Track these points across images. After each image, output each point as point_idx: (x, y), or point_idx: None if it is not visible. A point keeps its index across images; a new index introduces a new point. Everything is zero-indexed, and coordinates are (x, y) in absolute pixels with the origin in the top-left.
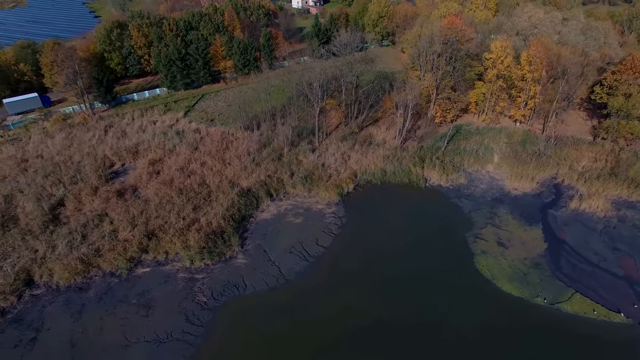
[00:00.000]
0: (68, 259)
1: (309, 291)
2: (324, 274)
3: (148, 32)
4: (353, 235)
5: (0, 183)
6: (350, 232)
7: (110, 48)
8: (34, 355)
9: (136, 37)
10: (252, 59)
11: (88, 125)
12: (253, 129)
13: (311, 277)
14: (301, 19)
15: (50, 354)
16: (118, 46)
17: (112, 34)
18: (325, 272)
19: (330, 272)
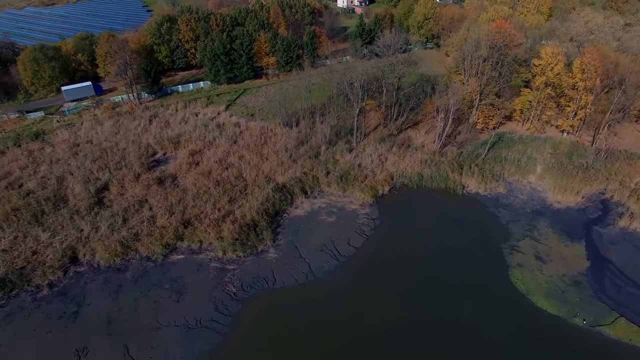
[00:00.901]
0: (109, 241)
1: (338, 290)
2: (354, 274)
3: (196, 26)
4: (385, 237)
5: (55, 165)
6: (383, 235)
7: (160, 41)
8: (76, 327)
9: (184, 31)
10: (294, 57)
11: (134, 114)
12: (292, 125)
13: (340, 277)
14: (345, 18)
15: (89, 328)
16: (167, 39)
17: (162, 27)
18: (355, 272)
19: (360, 273)
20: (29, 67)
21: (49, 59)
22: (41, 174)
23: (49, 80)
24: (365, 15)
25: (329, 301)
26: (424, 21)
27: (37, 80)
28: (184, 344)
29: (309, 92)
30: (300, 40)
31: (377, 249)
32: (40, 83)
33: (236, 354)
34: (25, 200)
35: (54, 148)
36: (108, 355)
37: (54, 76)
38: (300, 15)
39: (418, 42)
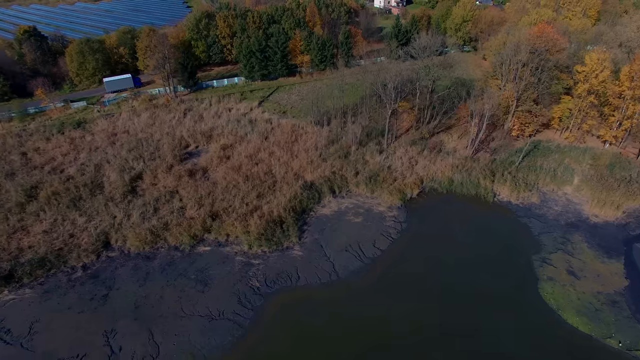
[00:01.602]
0: (140, 229)
1: (360, 292)
2: (377, 277)
3: (233, 23)
4: (412, 241)
5: (93, 153)
6: (409, 239)
7: (198, 36)
8: (105, 309)
9: (222, 27)
10: (329, 56)
11: (170, 107)
12: (323, 124)
13: (363, 278)
14: (382, 18)
15: (117, 311)
16: (204, 35)
17: (200, 23)
18: (378, 275)
19: (383, 275)
20: (75, 59)
21: (93, 52)
22: (81, 160)
23: (92, 71)
24: (402, 16)
25: (350, 303)
26: (462, 23)
27: (82, 72)
28: (206, 334)
29: (342, 92)
30: (335, 40)
31: (402, 253)
32: (85, 74)
33: (256, 348)
34: (65, 185)
35: (94, 137)
36: (134, 338)
37: (97, 68)
38: (336, 14)
39: (455, 45)
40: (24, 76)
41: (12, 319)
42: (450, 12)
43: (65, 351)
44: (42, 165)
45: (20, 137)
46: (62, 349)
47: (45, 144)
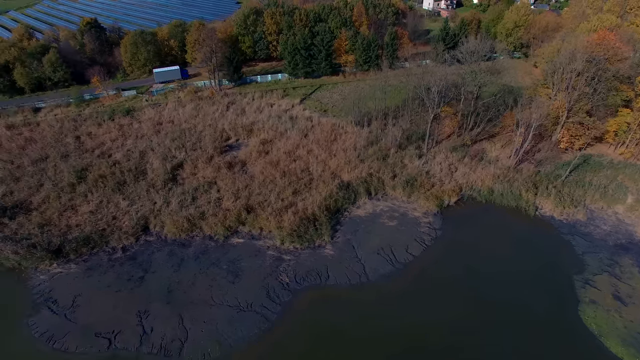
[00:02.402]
0: (178, 216)
1: (389, 296)
2: (407, 283)
3: (280, 20)
4: (446, 250)
5: (139, 140)
6: (443, 247)
7: (245, 32)
8: (141, 291)
9: (269, 23)
10: (373, 56)
11: (214, 100)
12: (363, 125)
13: (393, 283)
14: (430, 20)
15: (151, 293)
16: (251, 31)
17: (248, 19)
18: (409, 281)
19: (414, 282)
20: (129, 49)
21: (146, 43)
22: (127, 147)
23: (143, 62)
24: (451, 19)
25: (379, 306)
26: (514, 29)
27: (134, 62)
28: (233, 324)
29: (384, 94)
30: (381, 41)
31: (435, 261)
32: (136, 64)
33: (281, 343)
34: (111, 170)
35: (141, 125)
36: (165, 321)
37: (148, 59)
38: (383, 15)
39: (504, 51)
40: (83, 65)
41: (58, 290)
42: (502, 16)
43: (102, 326)
44: (92, 149)
45: (75, 122)
46: (100, 324)
47: (97, 129)
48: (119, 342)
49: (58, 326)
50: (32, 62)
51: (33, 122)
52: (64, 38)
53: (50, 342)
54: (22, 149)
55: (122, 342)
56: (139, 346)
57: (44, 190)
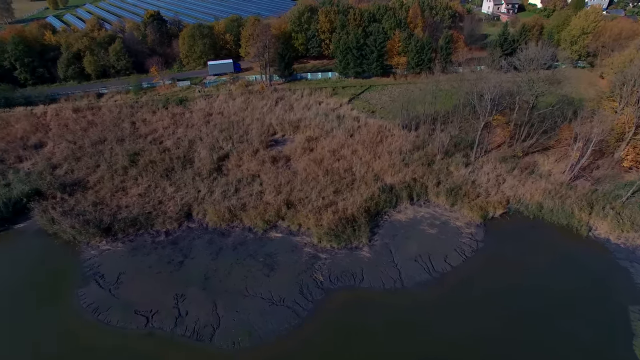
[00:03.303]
0: (220, 206)
1: (423, 305)
2: (443, 293)
3: (334, 18)
4: (486, 264)
5: (189, 129)
6: (484, 260)
7: (298, 29)
8: (179, 275)
9: (322, 22)
10: (426, 59)
11: (263, 94)
12: (411, 129)
13: (429, 292)
14: (488, 25)
15: (189, 278)
16: (305, 28)
17: (302, 16)
18: (445, 291)
19: (450, 293)
20: (187, 42)
21: (202, 36)
22: (178, 135)
23: (199, 54)
24: (511, 24)
25: (411, 314)
26: (581, 36)
27: (191, 54)
28: (265, 316)
29: (435, 98)
30: (435, 44)
31: (474, 274)
32: (192, 56)
33: (310, 340)
34: (161, 156)
35: (192, 114)
36: (199, 306)
37: (203, 51)
38: (439, 17)
39: (567, 59)
40: (144, 54)
41: (105, 266)
42: (568, 22)
43: (141, 304)
44: (145, 135)
45: (132, 108)
46: (140, 302)
47: (151, 116)
48: (156, 321)
49: (103, 300)
50: (99, 51)
51: (96, 106)
52: (129, 29)
53: (95, 313)
54: (85, 131)
55: (158, 322)
56: (173, 327)
57: (99, 171)
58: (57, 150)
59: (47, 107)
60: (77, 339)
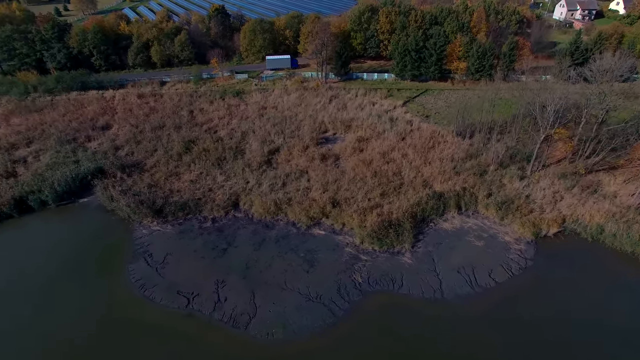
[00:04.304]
0: (266, 198)
1: (462, 318)
2: (484, 309)
3: (394, 19)
4: (535, 283)
5: (243, 121)
6: (533, 279)
7: (358, 28)
8: (222, 261)
9: (382, 22)
10: (487, 66)
11: (318, 92)
12: (465, 136)
13: (469, 306)
14: (559, 32)
15: (231, 266)
16: (364, 28)
17: (363, 16)
18: (486, 307)
19: (492, 310)
20: (247, 36)
21: (263, 31)
22: (232, 126)
23: (258, 48)
24: (585, 32)
25: (448, 327)
26: None
27: (250, 48)
28: (300, 311)
29: (493, 106)
30: (498, 50)
31: (520, 294)
32: (252, 50)
33: (344, 339)
34: (215, 145)
35: (247, 107)
36: (238, 294)
37: (263, 46)
38: (505, 22)
39: None
40: (206, 46)
41: (154, 246)
42: None
43: (184, 286)
44: (201, 124)
45: (191, 97)
46: (182, 283)
47: (208, 106)
48: (196, 303)
49: (149, 277)
50: (166, 41)
51: (158, 93)
52: (194, 22)
53: (141, 289)
54: (146, 116)
55: (198, 305)
56: (212, 311)
57: (156, 155)
58: (120, 132)
59: (116, 92)
60: (124, 311)
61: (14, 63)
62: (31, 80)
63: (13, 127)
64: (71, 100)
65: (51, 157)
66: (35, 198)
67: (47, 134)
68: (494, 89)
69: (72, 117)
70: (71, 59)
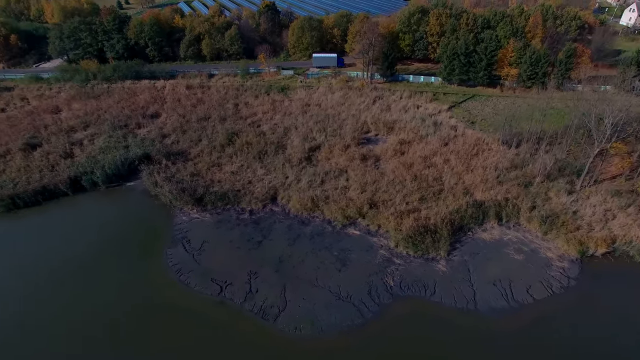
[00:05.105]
0: (304, 195)
1: (495, 332)
2: (520, 326)
3: (445, 22)
4: (577, 305)
5: (286, 117)
6: (575, 300)
7: (407, 29)
8: (256, 253)
9: (432, 24)
10: (540, 73)
11: (362, 92)
12: (511, 145)
13: (504, 320)
14: (625, 39)
15: (265, 258)
16: (413, 29)
17: (412, 17)
18: (522, 324)
19: (527, 328)
20: (296, 33)
21: (311, 29)
22: (275, 121)
23: (306, 46)
24: None
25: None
26: None
27: (298, 45)
28: (329, 309)
29: (544, 116)
30: (554, 57)
31: (559, 314)
32: (299, 47)
33: (370, 341)
34: (257, 139)
35: (291, 103)
36: (270, 286)
37: (310, 43)
38: (564, 28)
39: None
40: (255, 42)
41: (192, 233)
42: None
43: (218, 274)
44: (245, 117)
45: (237, 91)
46: (217, 271)
47: (253, 100)
48: (228, 292)
49: (186, 263)
50: (216, 35)
51: (206, 85)
52: (245, 17)
53: (178, 273)
54: (194, 107)
55: (230, 293)
56: (243, 301)
57: (200, 145)
58: (168, 121)
59: (166, 82)
60: (160, 292)
61: (78, 52)
62: (92, 69)
63: (74, 111)
64: (125, 88)
65: (104, 141)
66: (87, 179)
67: (102, 119)
68: (546, 98)
69: (125, 104)
70: (128, 49)
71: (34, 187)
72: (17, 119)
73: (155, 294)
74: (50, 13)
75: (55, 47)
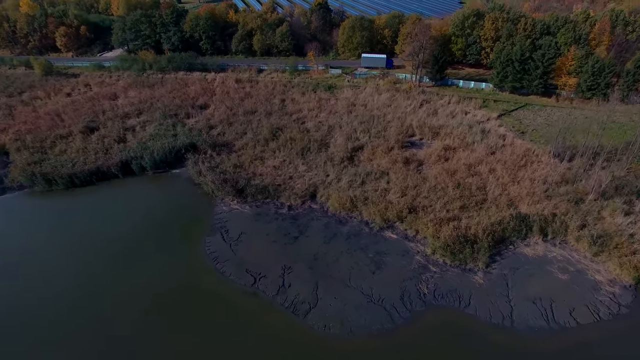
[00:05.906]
0: (344, 194)
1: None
2: (560, 348)
3: (501, 26)
4: (627, 333)
5: (331, 115)
6: (624, 329)
7: (460, 33)
8: (291, 248)
9: (487, 28)
10: (603, 84)
11: (410, 94)
12: (563, 159)
13: (542, 341)
14: None
15: (299, 254)
16: (467, 33)
17: (467, 20)
18: (562, 347)
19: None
20: (346, 32)
21: (362, 29)
22: (319, 119)
23: (355, 45)
24: None
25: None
26: None
27: (347, 44)
28: (360, 311)
29: (602, 129)
30: (620, 67)
31: (605, 341)
32: (349, 47)
33: (398, 348)
34: (301, 135)
35: (337, 102)
36: (302, 283)
37: (360, 43)
38: (635, 35)
39: None
40: (305, 39)
41: (231, 223)
42: None
43: (252, 265)
44: (291, 114)
45: (285, 87)
46: (251, 263)
47: (300, 97)
48: (261, 284)
49: (223, 252)
50: (268, 31)
51: (254, 80)
52: (296, 14)
53: (215, 261)
54: (241, 101)
55: (263, 286)
56: (275, 294)
57: (245, 138)
58: (216, 113)
59: (217, 75)
60: (196, 278)
61: (137, 43)
62: (148, 59)
63: (129, 98)
64: (178, 79)
65: (155, 128)
66: (137, 163)
67: (154, 108)
68: (607, 110)
69: (177, 94)
70: (183, 41)
71: (90, 167)
72: (80, 104)
73: (191, 278)
74: (117, 6)
75: (118, 37)
